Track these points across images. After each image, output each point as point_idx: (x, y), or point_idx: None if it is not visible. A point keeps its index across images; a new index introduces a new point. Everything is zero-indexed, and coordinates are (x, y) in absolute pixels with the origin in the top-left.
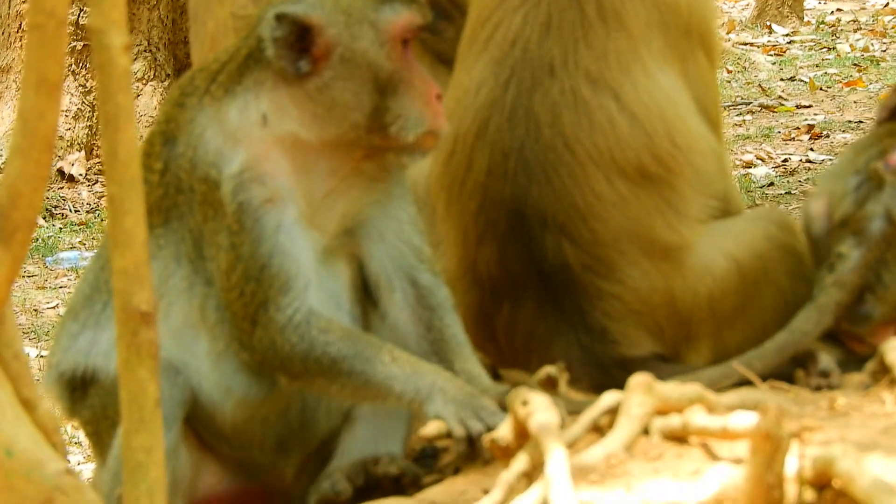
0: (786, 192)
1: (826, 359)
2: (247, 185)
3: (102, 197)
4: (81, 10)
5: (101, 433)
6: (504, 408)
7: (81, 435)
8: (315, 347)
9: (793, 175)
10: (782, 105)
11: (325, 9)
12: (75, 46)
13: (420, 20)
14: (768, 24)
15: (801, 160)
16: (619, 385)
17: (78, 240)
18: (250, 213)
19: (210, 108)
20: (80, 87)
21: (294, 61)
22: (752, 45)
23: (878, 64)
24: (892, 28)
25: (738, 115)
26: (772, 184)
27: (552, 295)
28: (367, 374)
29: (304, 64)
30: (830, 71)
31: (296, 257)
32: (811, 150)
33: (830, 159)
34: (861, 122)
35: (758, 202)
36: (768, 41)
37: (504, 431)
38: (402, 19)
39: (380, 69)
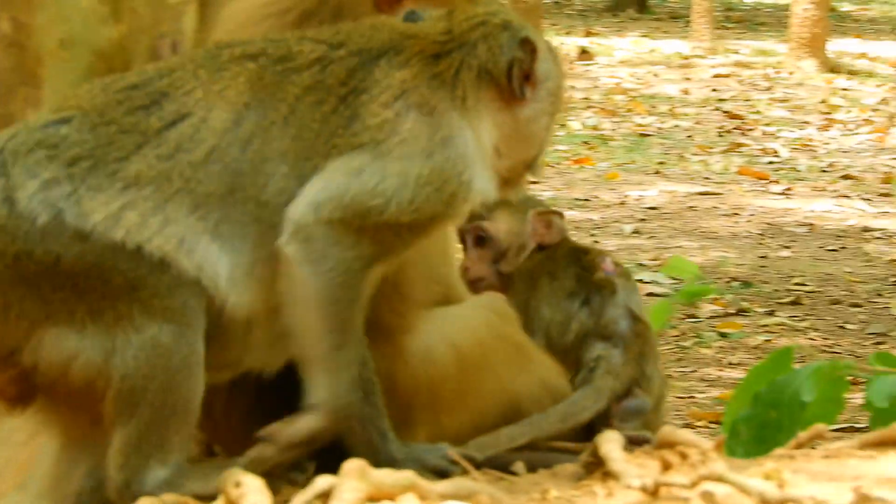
0: None
1: None
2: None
3: None
4: None
5: None
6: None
7: None
8: (331, 271)
9: None
10: None
11: (539, 41)
12: None
13: None
14: None
15: None
16: (336, 469)
17: None
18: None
19: (457, 112)
20: None
21: (521, 87)
22: None
23: (608, 142)
24: (623, 107)
25: None
26: None
27: (272, 375)
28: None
29: (529, 90)
30: (560, 148)
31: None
32: None
33: None
34: (588, 199)
35: None
36: None
37: None
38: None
39: (559, 107)
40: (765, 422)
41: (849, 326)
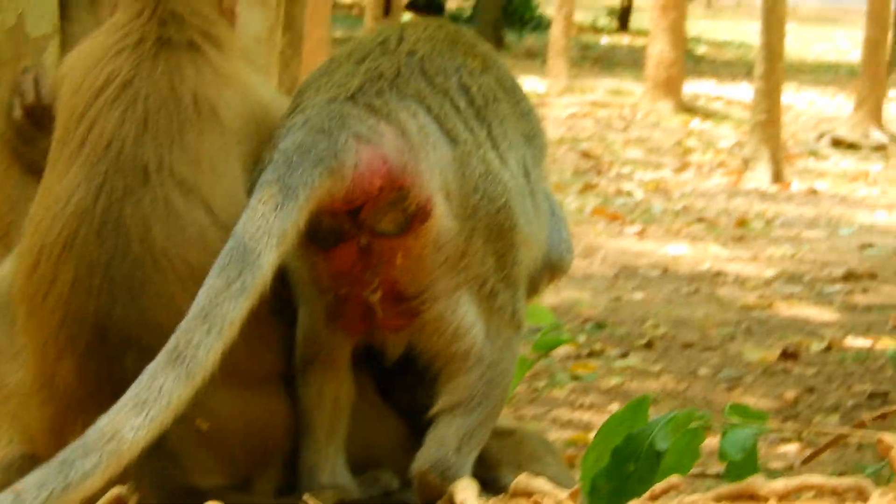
0: None
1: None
2: None
3: None
4: None
5: None
6: None
7: None
8: None
9: None
10: None
11: None
12: None
13: None
14: None
15: None
16: None
17: None
18: None
19: None
20: None
21: None
22: None
23: None
24: None
25: None
26: None
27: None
28: None
29: None
30: None
31: None
32: None
33: None
34: None
35: None
36: None
37: None
38: None
39: None
40: (624, 475)
41: (701, 371)
